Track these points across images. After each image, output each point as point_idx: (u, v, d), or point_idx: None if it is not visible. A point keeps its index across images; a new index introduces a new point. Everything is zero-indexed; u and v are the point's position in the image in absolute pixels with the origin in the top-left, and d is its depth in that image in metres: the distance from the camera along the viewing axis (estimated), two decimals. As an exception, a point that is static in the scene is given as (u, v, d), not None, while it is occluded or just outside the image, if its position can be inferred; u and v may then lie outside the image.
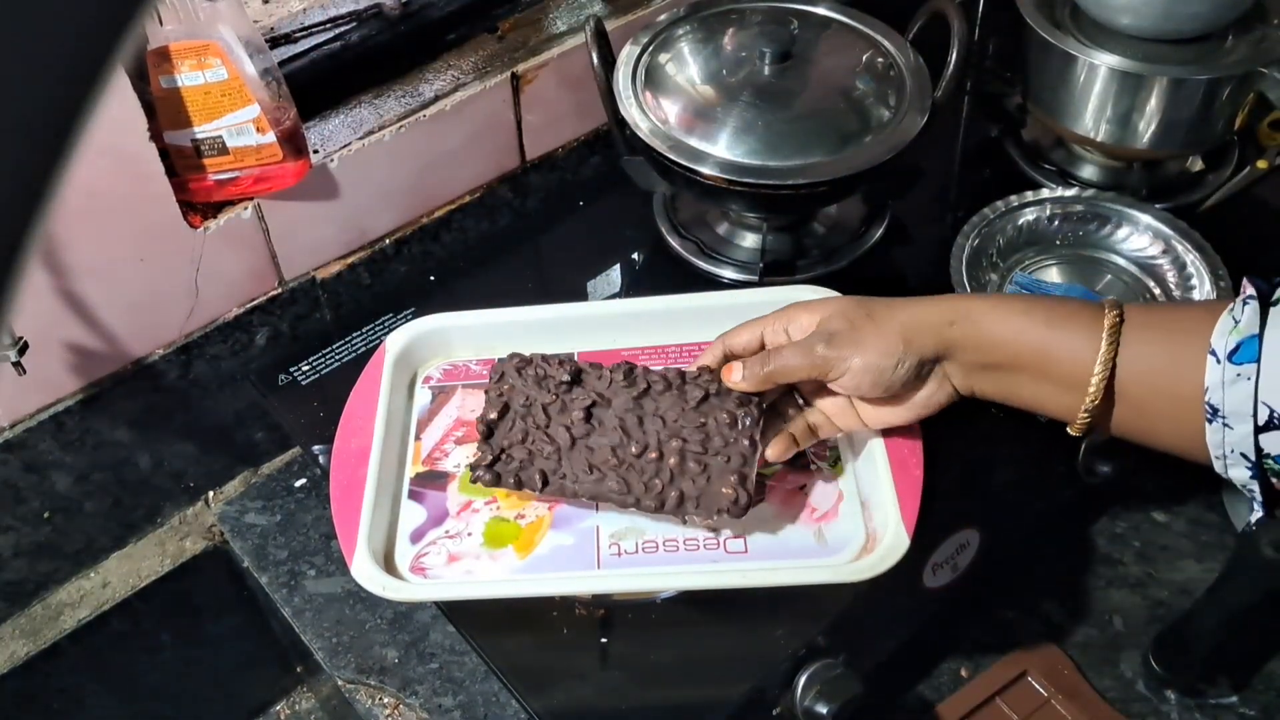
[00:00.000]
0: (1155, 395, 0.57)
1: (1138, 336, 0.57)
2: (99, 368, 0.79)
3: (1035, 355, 0.60)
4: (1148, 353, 0.57)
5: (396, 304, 0.88)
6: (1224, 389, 0.53)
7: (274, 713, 1.00)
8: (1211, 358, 0.53)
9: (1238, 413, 0.52)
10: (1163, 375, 0.56)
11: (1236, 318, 0.53)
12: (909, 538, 0.64)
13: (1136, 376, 0.57)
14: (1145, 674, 0.86)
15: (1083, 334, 0.58)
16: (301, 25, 0.88)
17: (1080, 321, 0.59)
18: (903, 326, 0.61)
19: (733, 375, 0.66)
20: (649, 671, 0.67)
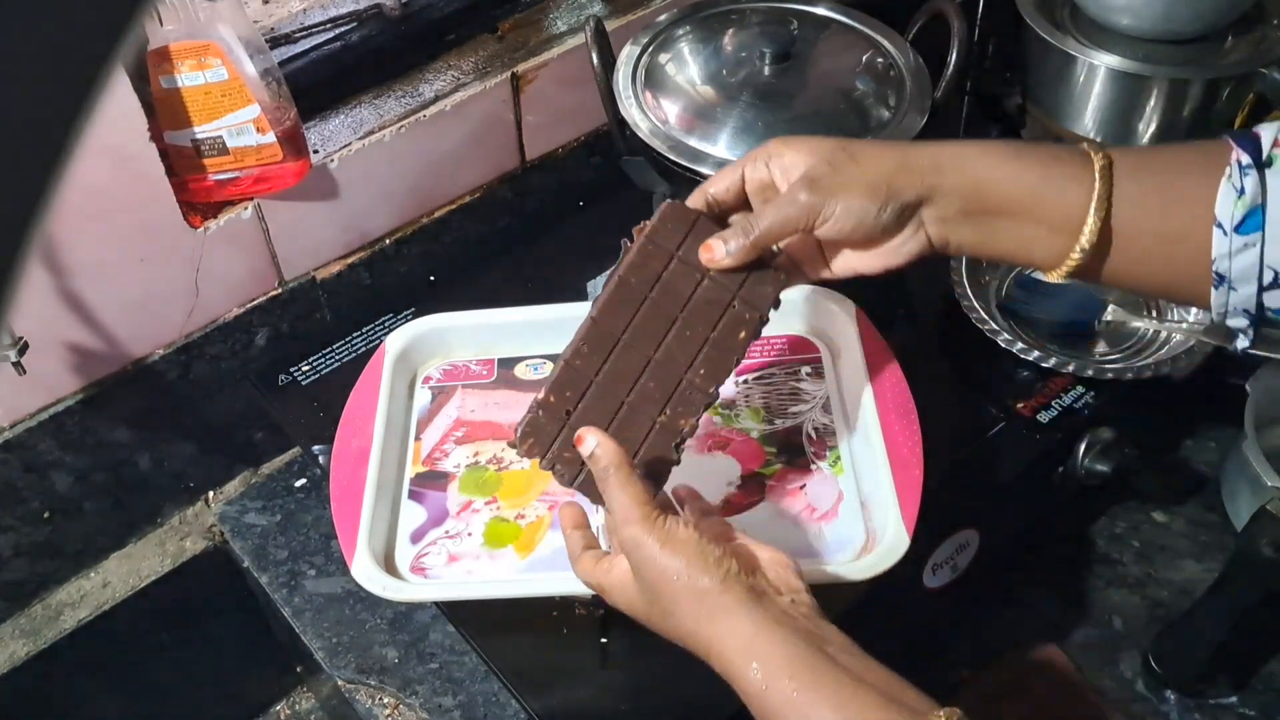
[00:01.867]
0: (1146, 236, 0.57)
1: (1129, 177, 0.57)
2: (99, 368, 0.79)
3: (1025, 198, 0.58)
4: (1139, 194, 0.57)
5: (396, 304, 0.88)
6: (1231, 258, 0.55)
7: (274, 713, 1.00)
8: (1218, 230, 0.55)
9: (1244, 277, 0.55)
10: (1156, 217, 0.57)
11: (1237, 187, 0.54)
12: (909, 537, 0.64)
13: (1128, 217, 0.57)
14: (1145, 674, 0.86)
15: (1075, 175, 0.58)
16: (301, 25, 0.88)
17: (1071, 164, 0.58)
18: (888, 169, 0.59)
19: (714, 254, 0.60)
20: (649, 672, 0.67)
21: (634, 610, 0.57)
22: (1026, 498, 0.84)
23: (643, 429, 0.60)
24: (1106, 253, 0.58)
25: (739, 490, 0.71)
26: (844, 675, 0.51)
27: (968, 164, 0.59)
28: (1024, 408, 0.79)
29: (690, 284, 0.62)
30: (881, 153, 0.60)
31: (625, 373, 0.61)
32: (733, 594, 0.53)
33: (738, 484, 0.71)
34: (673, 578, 0.54)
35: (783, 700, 0.51)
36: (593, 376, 0.61)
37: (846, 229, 0.59)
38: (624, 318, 0.62)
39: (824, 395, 0.76)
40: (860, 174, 0.59)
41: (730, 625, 0.53)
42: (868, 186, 0.58)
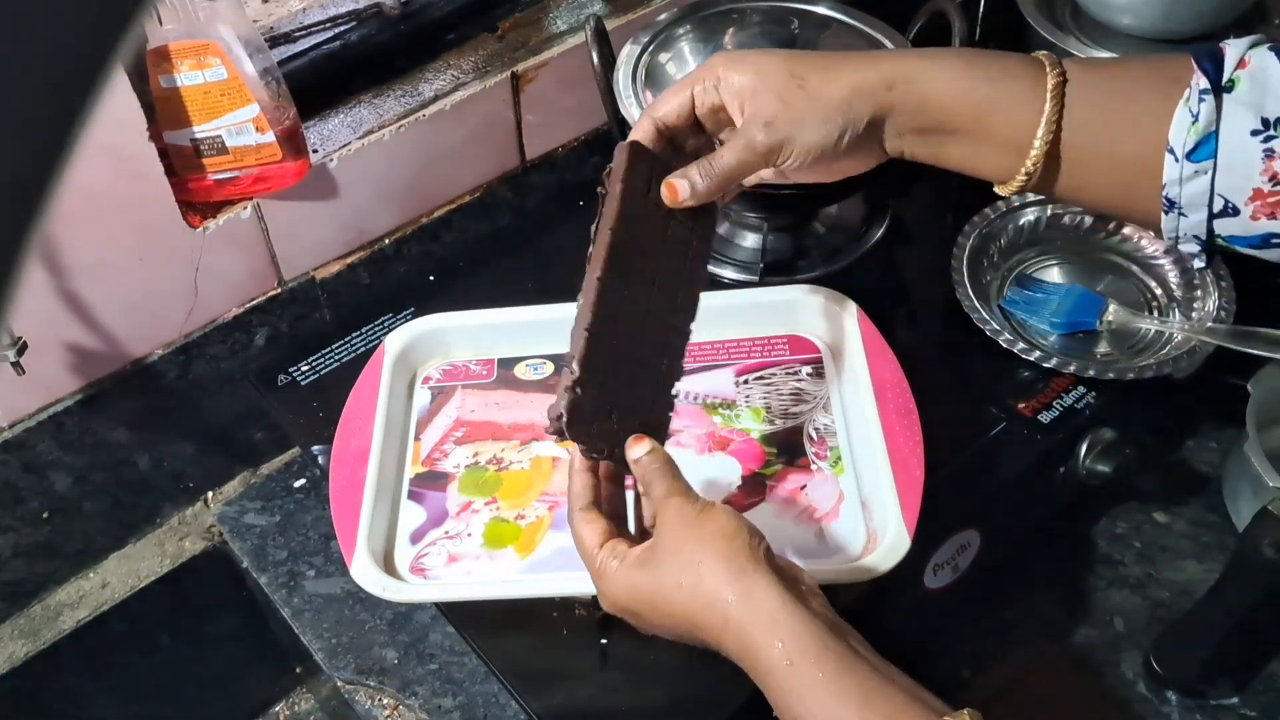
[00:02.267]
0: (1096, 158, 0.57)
1: (1081, 98, 0.56)
2: (98, 368, 0.79)
3: (975, 117, 0.58)
4: (1091, 115, 0.56)
5: (396, 304, 0.88)
6: (1181, 185, 0.54)
7: (273, 713, 0.99)
8: (1170, 155, 0.54)
9: (1194, 204, 0.55)
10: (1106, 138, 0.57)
11: (1193, 112, 0.53)
12: (910, 538, 0.64)
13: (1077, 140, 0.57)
14: (1146, 675, 0.86)
15: (1025, 94, 0.57)
16: (301, 25, 0.88)
17: (1022, 81, 0.57)
18: (842, 95, 0.58)
19: (678, 195, 0.60)
20: (649, 672, 0.67)
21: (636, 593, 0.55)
22: (1027, 498, 0.84)
23: (650, 384, 0.61)
24: (1055, 174, 0.58)
25: (739, 490, 0.71)
26: (869, 668, 0.51)
27: (919, 80, 0.59)
28: (1025, 408, 0.79)
29: (661, 226, 0.62)
30: (832, 75, 0.59)
31: (632, 330, 0.61)
32: (766, 568, 0.53)
33: (738, 484, 0.71)
34: (709, 542, 0.53)
35: (805, 683, 0.50)
36: (612, 342, 0.60)
37: (807, 162, 0.60)
38: (621, 273, 0.61)
39: (824, 395, 0.76)
40: (813, 106, 0.58)
41: (760, 594, 0.52)
42: (822, 118, 0.58)
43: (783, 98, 0.59)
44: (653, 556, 0.55)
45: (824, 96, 0.58)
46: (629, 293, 0.61)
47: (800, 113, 0.58)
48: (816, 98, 0.58)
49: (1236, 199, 0.54)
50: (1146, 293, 0.86)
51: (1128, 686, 0.87)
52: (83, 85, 0.18)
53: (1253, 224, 0.54)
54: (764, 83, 0.59)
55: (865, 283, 0.86)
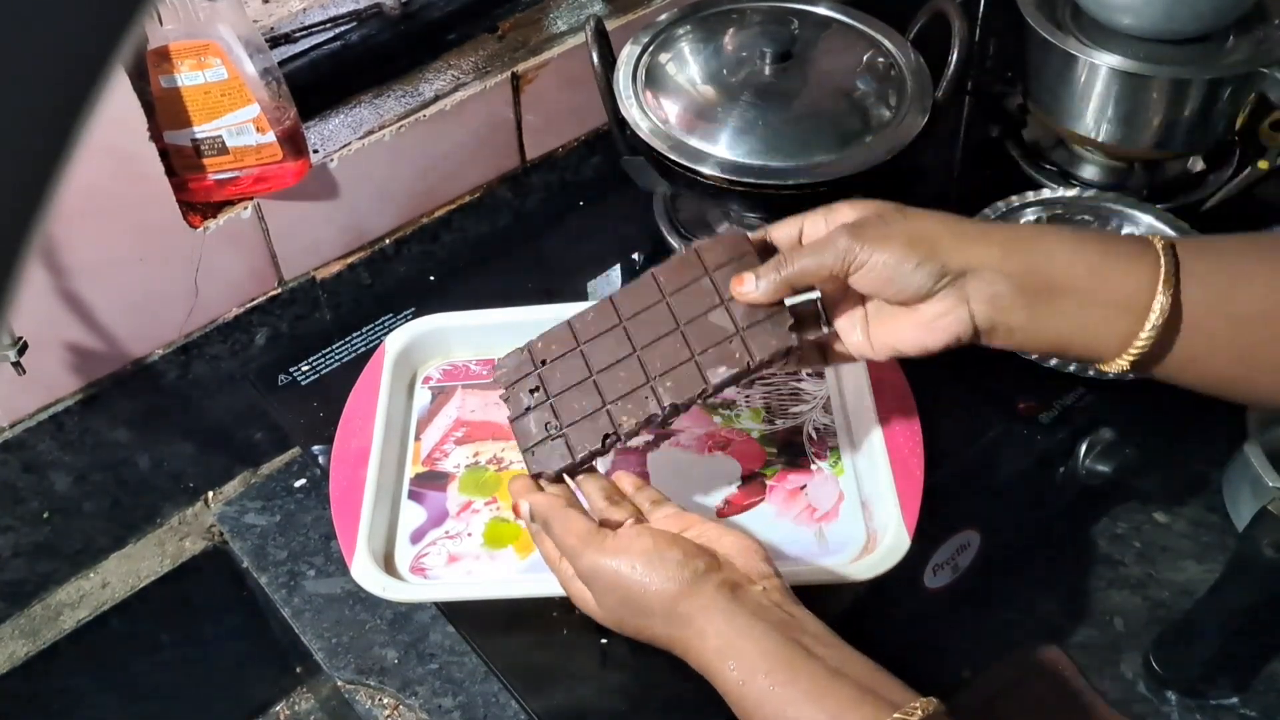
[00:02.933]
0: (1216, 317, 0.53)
1: (1196, 258, 0.54)
2: (98, 368, 0.79)
3: (1088, 274, 0.54)
4: (1206, 271, 0.53)
5: (396, 304, 0.88)
6: None
7: (273, 713, 0.99)
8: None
9: None
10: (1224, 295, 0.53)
11: None
12: (909, 538, 0.64)
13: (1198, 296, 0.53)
14: (1146, 675, 0.86)
15: (1137, 254, 0.54)
16: (301, 25, 0.88)
17: (1132, 244, 0.55)
18: (936, 229, 0.56)
19: (744, 286, 0.59)
20: (649, 672, 0.67)
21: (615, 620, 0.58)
22: (1028, 498, 0.84)
23: (592, 408, 0.63)
24: (1174, 336, 0.54)
25: (740, 490, 0.71)
26: (819, 667, 0.51)
27: (1023, 240, 0.56)
28: (1025, 408, 0.79)
29: (706, 304, 0.63)
30: (934, 214, 0.57)
31: (607, 351, 0.64)
32: (703, 595, 0.53)
33: (738, 484, 0.71)
34: (639, 590, 0.54)
35: (759, 696, 0.51)
36: (580, 343, 0.65)
37: (880, 280, 0.56)
38: (635, 307, 0.64)
39: (824, 395, 0.76)
40: (905, 228, 0.56)
41: (702, 626, 0.53)
42: (909, 240, 0.55)
43: (880, 215, 0.58)
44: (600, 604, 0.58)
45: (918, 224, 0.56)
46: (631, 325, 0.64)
47: (889, 230, 0.56)
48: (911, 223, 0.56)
49: None
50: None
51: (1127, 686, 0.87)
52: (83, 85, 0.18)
53: None
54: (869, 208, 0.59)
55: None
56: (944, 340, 0.57)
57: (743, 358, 0.61)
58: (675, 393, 0.62)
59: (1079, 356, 0.57)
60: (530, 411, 0.65)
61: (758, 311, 0.61)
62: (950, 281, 0.55)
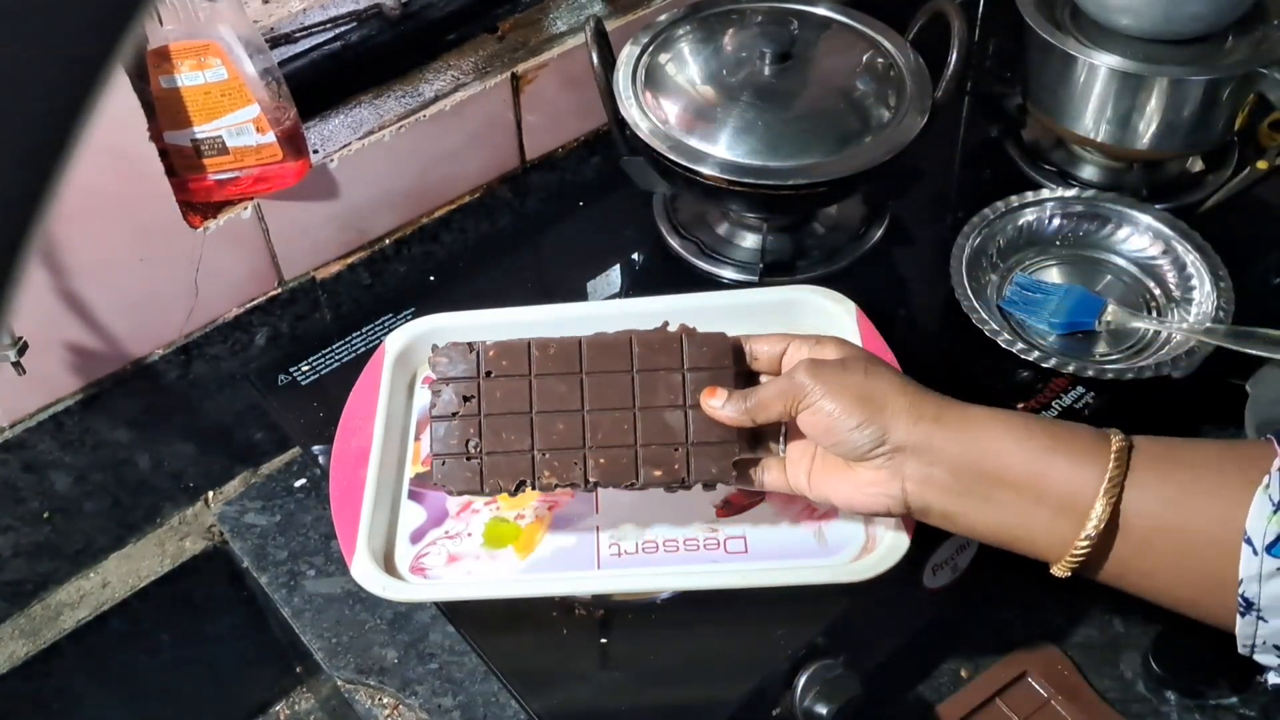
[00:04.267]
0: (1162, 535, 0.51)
1: (1148, 465, 0.51)
2: (98, 368, 0.79)
3: (1031, 472, 0.53)
4: (1159, 484, 0.51)
5: (396, 304, 0.88)
6: (1261, 583, 0.47)
7: (273, 713, 0.99)
8: (1248, 547, 0.47)
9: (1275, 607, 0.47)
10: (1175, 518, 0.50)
11: (1274, 499, 0.47)
12: (909, 538, 0.64)
13: (1142, 512, 0.51)
14: (1145, 675, 0.86)
15: (1087, 454, 0.52)
16: (301, 25, 0.88)
17: (1084, 442, 0.53)
18: (890, 394, 0.56)
19: (713, 400, 0.61)
20: (649, 672, 0.67)
21: None
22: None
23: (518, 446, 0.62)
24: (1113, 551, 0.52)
25: (739, 490, 0.71)
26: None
27: (970, 427, 0.55)
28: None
29: (668, 399, 0.63)
30: (897, 379, 0.57)
31: (555, 395, 0.63)
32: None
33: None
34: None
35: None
36: (532, 373, 0.63)
37: (820, 429, 0.57)
38: (601, 364, 0.63)
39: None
40: (861, 383, 0.56)
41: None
42: (859, 397, 0.55)
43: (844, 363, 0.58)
44: None
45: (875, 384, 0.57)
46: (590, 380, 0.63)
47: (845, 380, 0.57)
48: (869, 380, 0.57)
49: None
50: (1145, 293, 0.86)
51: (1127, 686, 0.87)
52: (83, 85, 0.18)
53: None
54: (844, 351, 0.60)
55: (865, 283, 0.86)
56: (872, 508, 0.58)
57: (680, 471, 0.61)
58: (603, 473, 0.62)
59: (1023, 552, 0.56)
60: (455, 418, 0.63)
61: (713, 430, 0.61)
62: (887, 452, 0.55)
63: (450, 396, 0.63)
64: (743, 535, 0.68)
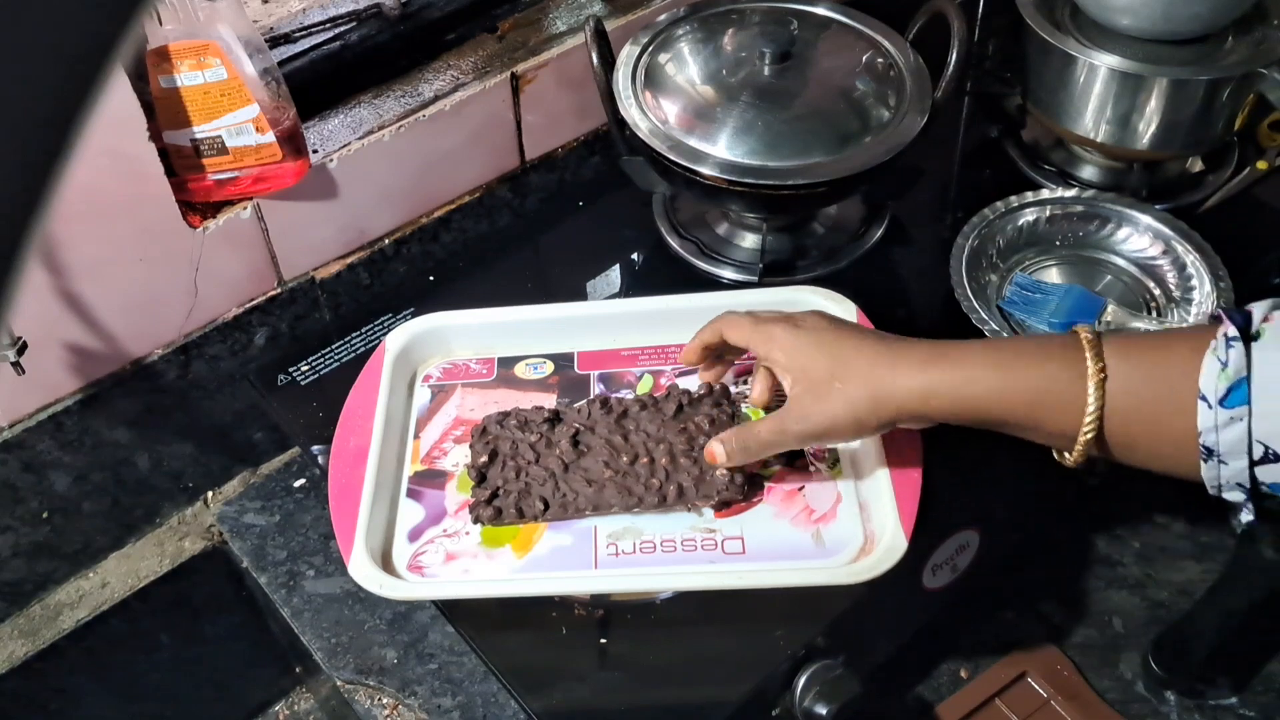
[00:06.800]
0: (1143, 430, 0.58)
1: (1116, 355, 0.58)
2: (98, 368, 0.79)
3: (1019, 417, 0.60)
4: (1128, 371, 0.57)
5: (396, 304, 0.88)
6: (1218, 432, 0.54)
7: (273, 713, 0.99)
8: (1203, 403, 0.54)
9: (1233, 451, 0.54)
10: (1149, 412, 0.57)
11: (1221, 359, 0.53)
12: (907, 539, 0.64)
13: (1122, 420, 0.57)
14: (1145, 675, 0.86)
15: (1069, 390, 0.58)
16: (301, 25, 0.88)
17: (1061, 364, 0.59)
18: (872, 397, 0.61)
19: (715, 457, 0.67)
20: (648, 672, 0.67)
21: None
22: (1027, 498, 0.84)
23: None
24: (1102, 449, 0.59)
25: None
26: None
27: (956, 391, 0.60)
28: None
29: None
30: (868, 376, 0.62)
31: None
32: None
33: (737, 484, 0.71)
34: None
35: None
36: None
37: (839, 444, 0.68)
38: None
39: None
40: (844, 399, 0.62)
41: None
42: (856, 425, 0.62)
43: (818, 392, 0.62)
44: None
45: (855, 392, 0.61)
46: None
47: (830, 405, 0.62)
48: (848, 390, 0.61)
49: (1277, 444, 0.53)
50: (1145, 293, 0.86)
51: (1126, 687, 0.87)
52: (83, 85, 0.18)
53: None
54: (805, 374, 0.63)
55: (865, 283, 0.86)
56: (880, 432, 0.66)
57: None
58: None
59: None
60: None
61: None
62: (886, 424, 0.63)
63: None
64: (741, 536, 0.68)
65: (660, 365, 0.78)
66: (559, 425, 0.72)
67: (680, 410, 0.71)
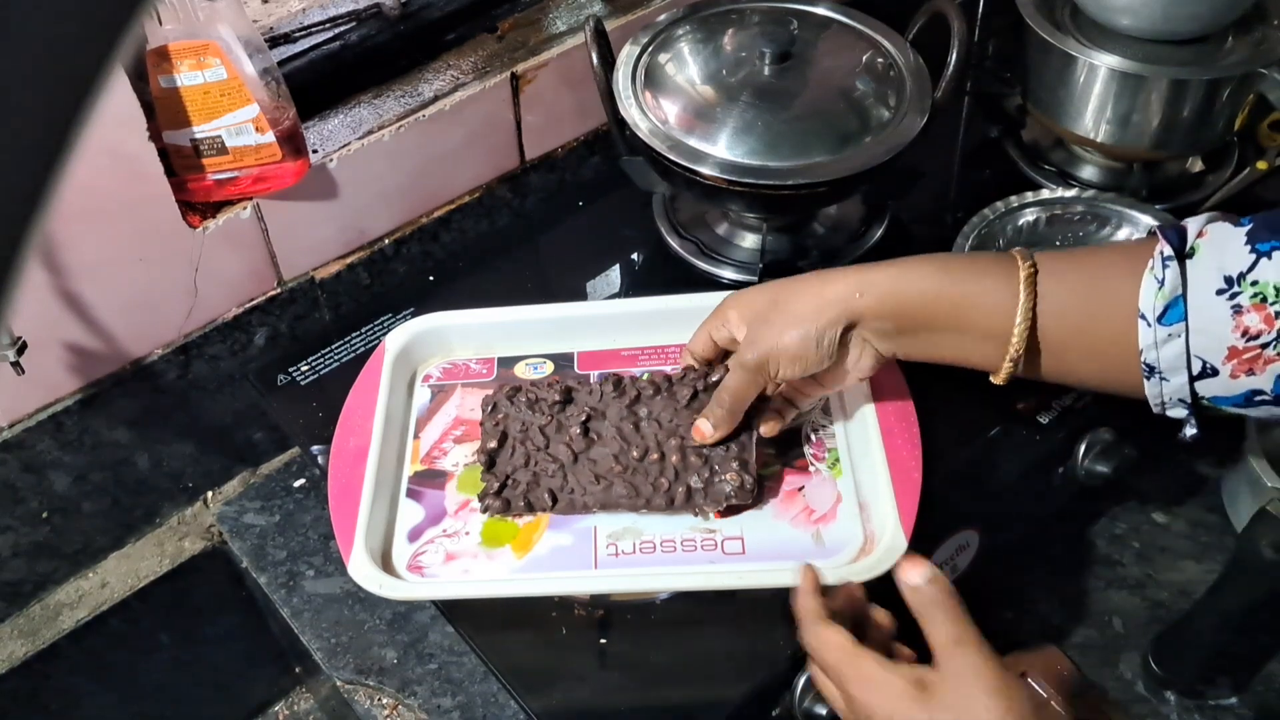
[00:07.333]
0: (1077, 338, 0.59)
1: (1055, 284, 0.59)
2: (98, 368, 0.79)
3: (952, 312, 0.61)
4: (1066, 299, 0.59)
5: (396, 304, 0.88)
6: (1158, 349, 0.56)
7: (273, 713, 0.99)
8: (1142, 321, 0.56)
9: (1173, 367, 0.56)
10: (1083, 319, 0.59)
11: (1159, 278, 0.55)
12: (907, 540, 0.64)
13: (1057, 323, 0.59)
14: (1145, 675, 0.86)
15: (999, 286, 0.60)
16: (301, 25, 0.88)
17: (995, 274, 0.60)
18: (813, 307, 0.63)
19: (703, 432, 0.67)
20: (648, 672, 0.67)
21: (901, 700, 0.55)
22: (1026, 498, 0.84)
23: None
24: (1038, 358, 0.61)
25: None
26: None
27: (891, 286, 0.62)
28: (1024, 408, 0.79)
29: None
30: (804, 291, 0.64)
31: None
32: None
33: (737, 484, 0.71)
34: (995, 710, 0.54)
35: None
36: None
37: (798, 369, 0.64)
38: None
39: (823, 396, 0.76)
40: (787, 319, 0.63)
41: None
42: (797, 328, 0.63)
43: (764, 318, 0.65)
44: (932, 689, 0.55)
45: (795, 310, 0.63)
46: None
47: (777, 328, 0.64)
48: (789, 312, 0.64)
49: (1213, 359, 0.55)
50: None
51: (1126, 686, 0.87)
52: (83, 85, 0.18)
53: (1233, 382, 0.55)
54: (752, 311, 0.66)
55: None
56: (865, 375, 0.66)
57: None
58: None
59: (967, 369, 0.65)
60: None
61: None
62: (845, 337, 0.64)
63: None
64: (741, 536, 0.68)
65: (660, 365, 0.78)
66: (570, 406, 0.71)
67: (695, 397, 0.69)
